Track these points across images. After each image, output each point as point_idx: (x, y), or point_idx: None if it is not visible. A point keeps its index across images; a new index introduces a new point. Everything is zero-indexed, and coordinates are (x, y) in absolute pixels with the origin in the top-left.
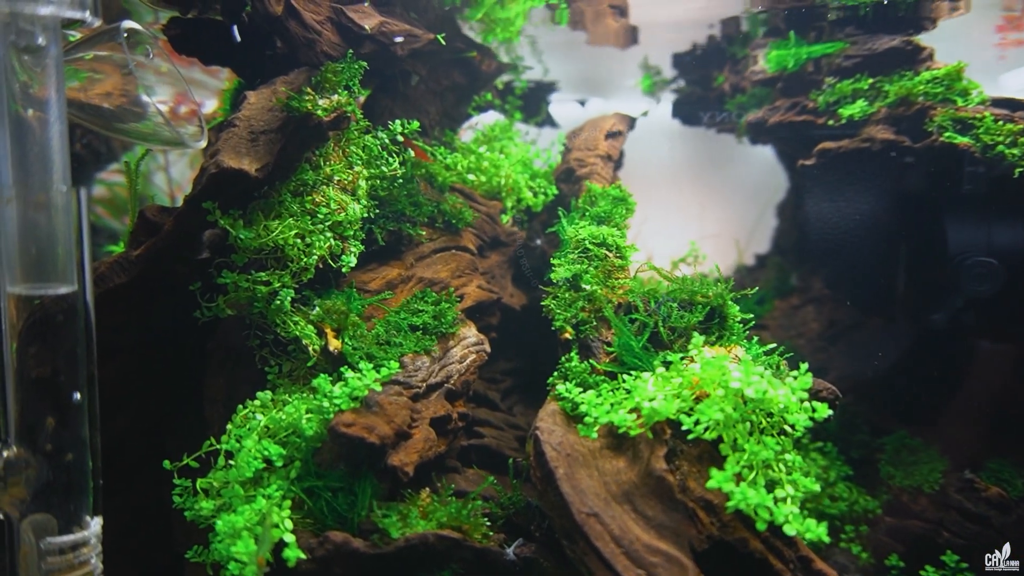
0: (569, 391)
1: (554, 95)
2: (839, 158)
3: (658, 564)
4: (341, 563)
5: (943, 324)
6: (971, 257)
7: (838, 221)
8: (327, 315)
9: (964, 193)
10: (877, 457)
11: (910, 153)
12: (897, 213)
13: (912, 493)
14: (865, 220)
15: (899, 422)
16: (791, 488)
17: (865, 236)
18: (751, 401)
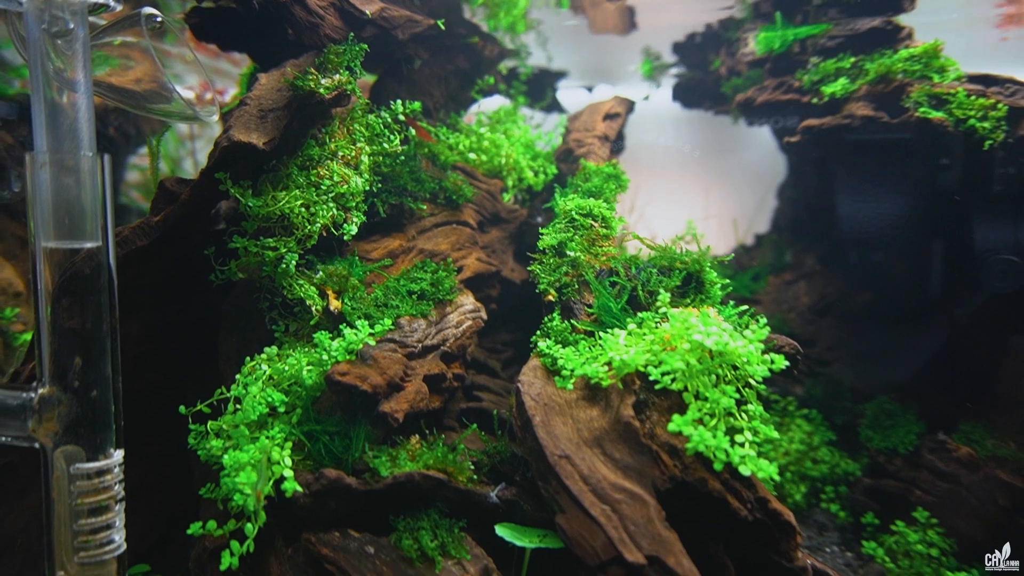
0: (549, 348)
1: (563, 82)
2: (822, 135)
3: (621, 500)
4: (335, 497)
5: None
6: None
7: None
8: (329, 279)
9: (942, 170)
10: (859, 422)
11: (888, 129)
12: (880, 189)
13: (888, 454)
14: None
15: (880, 388)
16: (750, 435)
17: (852, 212)
18: (716, 355)
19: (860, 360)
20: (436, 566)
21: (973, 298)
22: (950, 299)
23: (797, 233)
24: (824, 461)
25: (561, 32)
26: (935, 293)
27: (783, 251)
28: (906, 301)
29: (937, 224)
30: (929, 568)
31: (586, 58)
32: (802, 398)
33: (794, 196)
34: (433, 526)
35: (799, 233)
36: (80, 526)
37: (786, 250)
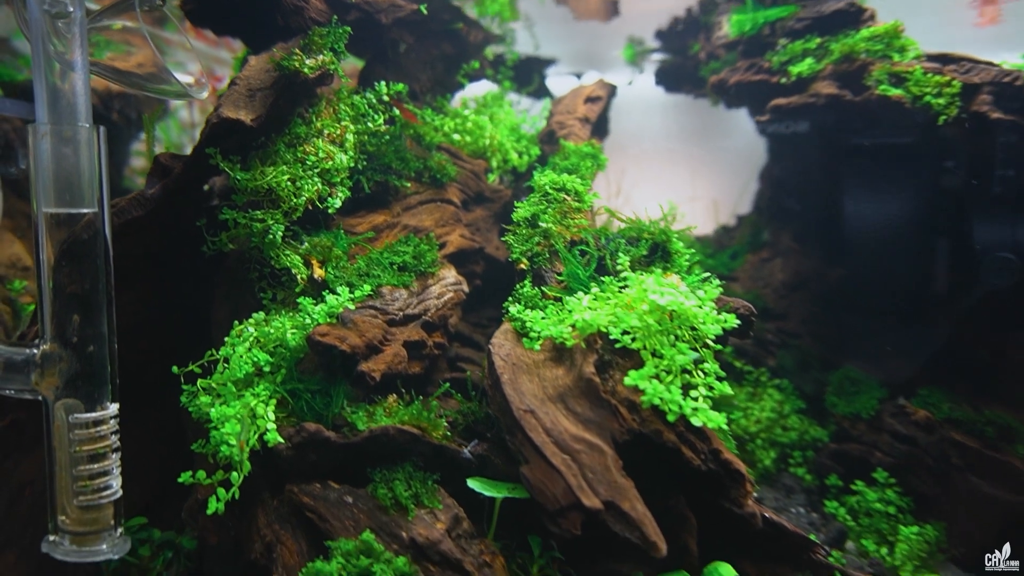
0: (519, 312)
1: (552, 69)
2: (790, 113)
3: (581, 450)
4: (315, 450)
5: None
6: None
7: (800, 179)
8: (314, 249)
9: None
10: (826, 390)
11: (852, 107)
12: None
13: (852, 420)
14: (821, 175)
15: (847, 358)
16: (704, 390)
17: (822, 190)
18: (676, 317)
19: (830, 332)
20: (409, 514)
21: (935, 269)
22: (914, 271)
23: (775, 213)
24: (793, 428)
25: (549, 20)
26: (900, 266)
27: (761, 231)
28: (873, 275)
29: (898, 199)
30: (886, 524)
31: (575, 46)
32: (774, 369)
33: (772, 178)
34: (407, 478)
35: (777, 213)
36: (79, 472)
37: (764, 230)
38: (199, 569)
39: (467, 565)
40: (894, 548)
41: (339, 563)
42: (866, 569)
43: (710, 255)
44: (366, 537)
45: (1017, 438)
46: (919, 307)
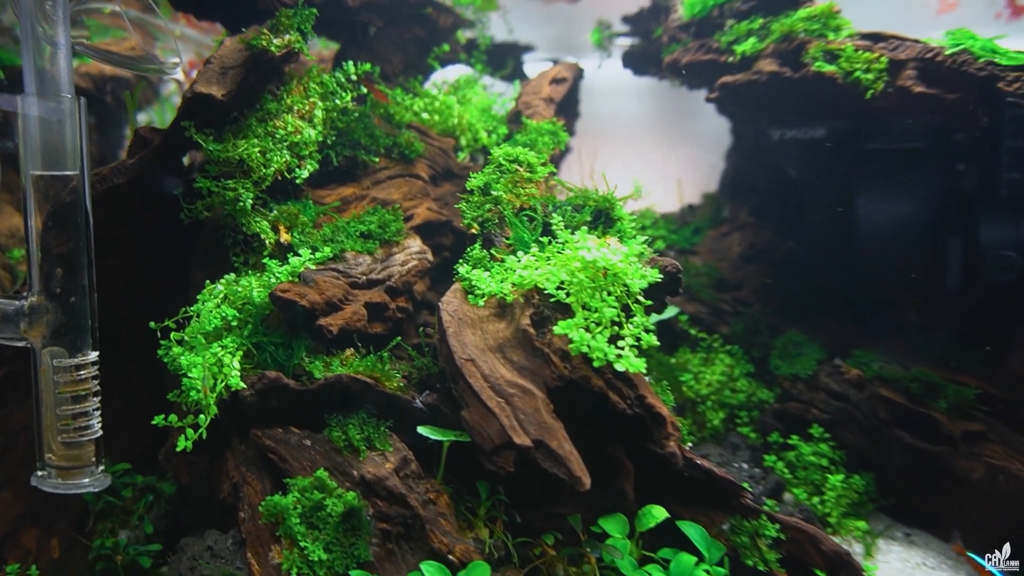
0: (467, 272)
1: (531, 55)
2: (736, 90)
3: (515, 395)
4: (275, 396)
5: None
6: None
7: (757, 157)
8: (282, 216)
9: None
10: (771, 354)
11: (790, 83)
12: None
13: (792, 380)
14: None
15: (792, 323)
16: (631, 339)
17: (775, 168)
18: (610, 275)
19: (779, 300)
20: (361, 455)
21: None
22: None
23: (736, 191)
24: (742, 391)
25: (529, 9)
26: (840, 237)
27: (722, 207)
28: (818, 245)
29: (841, 171)
30: (819, 476)
31: (554, 32)
32: (727, 336)
33: (734, 157)
34: (361, 423)
35: (737, 191)
36: (63, 412)
37: (725, 206)
38: (178, 512)
39: (411, 500)
40: (824, 497)
41: (295, 497)
42: (796, 515)
43: (674, 231)
44: (320, 474)
45: (940, 393)
46: (857, 274)
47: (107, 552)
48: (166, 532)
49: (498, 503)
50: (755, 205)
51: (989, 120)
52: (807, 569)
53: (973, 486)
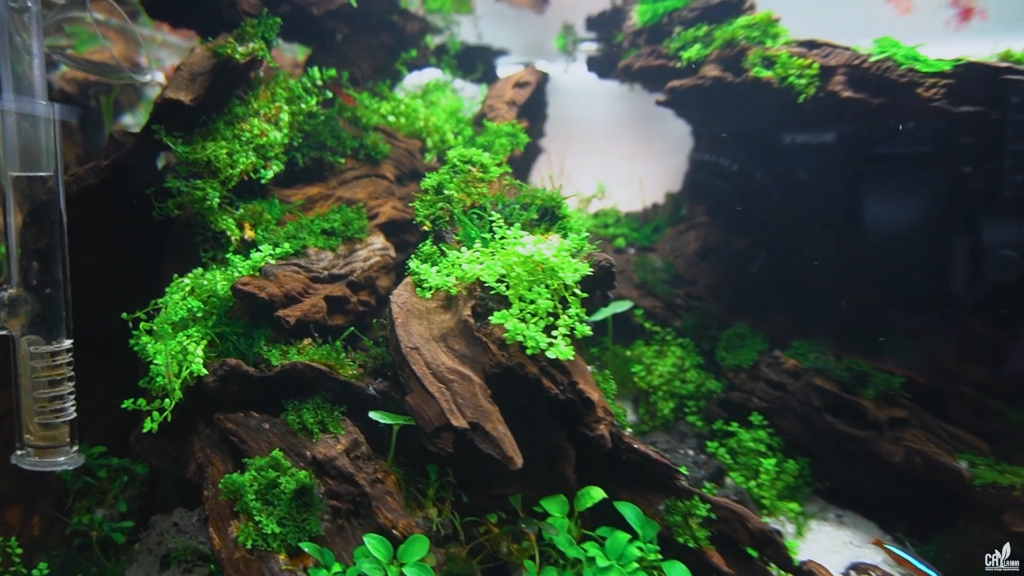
0: (417, 267)
1: (505, 59)
2: (683, 94)
3: (454, 380)
4: (235, 381)
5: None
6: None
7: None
8: (247, 214)
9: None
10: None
11: (732, 87)
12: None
13: (735, 371)
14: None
15: (739, 317)
16: (564, 329)
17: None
18: (548, 270)
19: (729, 295)
20: (314, 437)
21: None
22: (795, 235)
23: (694, 191)
24: (691, 381)
25: (503, 14)
26: (784, 235)
27: (681, 206)
28: (764, 242)
29: (781, 171)
30: (756, 460)
31: (526, 36)
32: (679, 329)
33: (693, 158)
34: (316, 408)
35: (695, 190)
36: (39, 394)
37: (683, 205)
38: (152, 492)
39: (359, 479)
40: (759, 480)
41: (252, 475)
42: (732, 497)
43: (636, 229)
44: (275, 454)
45: (869, 382)
46: (797, 268)
47: (84, 528)
48: (139, 511)
49: (447, 484)
50: (710, 204)
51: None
52: (736, 546)
53: (894, 468)
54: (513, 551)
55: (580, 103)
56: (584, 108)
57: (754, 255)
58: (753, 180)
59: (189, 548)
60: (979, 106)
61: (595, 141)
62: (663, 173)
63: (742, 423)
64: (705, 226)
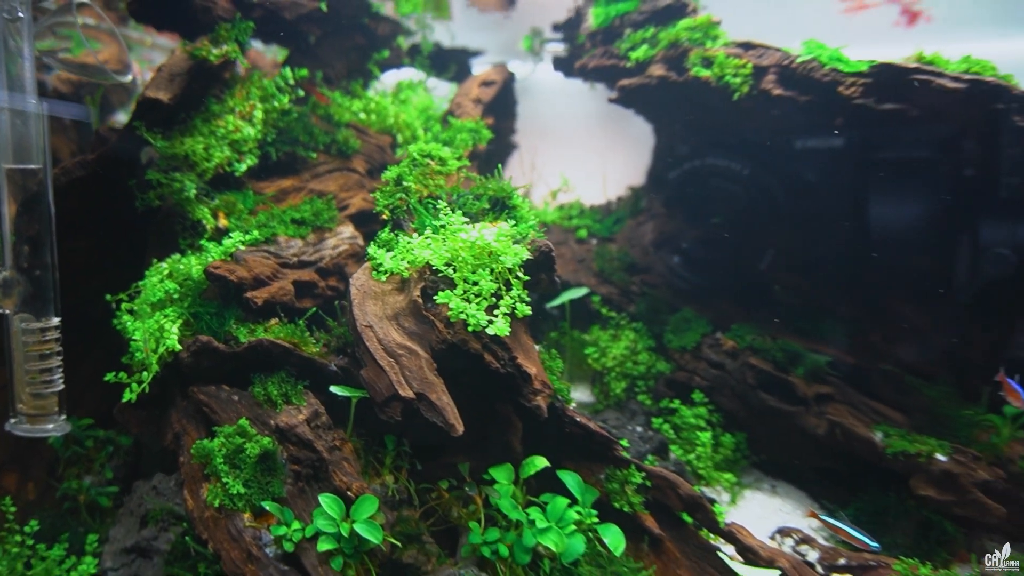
0: (375, 252)
1: (481, 59)
2: (632, 91)
3: (403, 355)
4: (207, 357)
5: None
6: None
7: (670, 153)
8: (222, 204)
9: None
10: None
11: (676, 86)
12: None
13: (681, 352)
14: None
15: (687, 302)
16: (505, 309)
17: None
18: (492, 255)
19: (680, 282)
20: (278, 407)
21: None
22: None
23: (655, 183)
24: (643, 363)
25: (478, 16)
26: (731, 222)
27: (641, 199)
28: (712, 231)
29: (730, 163)
30: (695, 434)
31: (502, 37)
32: (633, 314)
33: (655, 151)
34: (280, 381)
35: (655, 182)
36: (30, 367)
37: (643, 198)
38: (136, 461)
39: (318, 445)
40: (697, 453)
41: (220, 441)
42: (670, 468)
43: (598, 220)
44: (242, 423)
45: (799, 361)
46: (742, 257)
47: (73, 493)
48: (124, 478)
49: (403, 454)
50: (666, 196)
51: (843, 119)
52: (669, 511)
53: (819, 440)
54: (462, 514)
55: (552, 102)
56: (556, 106)
57: (703, 244)
58: (701, 173)
59: (166, 509)
60: (899, 103)
61: (566, 138)
62: (629, 168)
63: (686, 401)
64: (661, 217)
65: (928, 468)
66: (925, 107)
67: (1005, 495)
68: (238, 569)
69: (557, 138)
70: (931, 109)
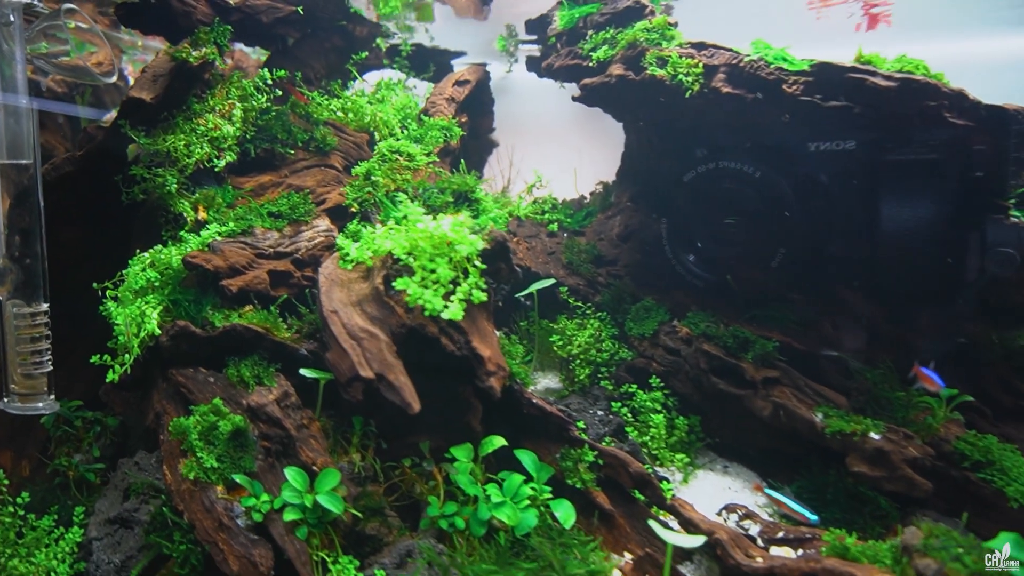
0: (342, 242)
1: (461, 59)
2: (594, 90)
3: (364, 338)
4: (185, 341)
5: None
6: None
7: (635, 149)
8: (201, 198)
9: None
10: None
11: (633, 85)
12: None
13: (640, 339)
14: (648, 145)
15: (649, 292)
16: (461, 295)
17: (644, 156)
18: (450, 244)
19: (643, 273)
20: (250, 388)
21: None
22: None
23: (624, 178)
24: (607, 350)
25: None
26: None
27: (610, 193)
28: (674, 223)
29: (691, 157)
30: (649, 416)
31: (481, 40)
32: (598, 304)
33: (624, 149)
34: (253, 364)
35: (624, 178)
36: (21, 349)
37: (612, 192)
38: (123, 441)
39: (286, 423)
40: (651, 435)
41: (195, 419)
42: (624, 448)
43: (570, 215)
44: (216, 402)
45: (749, 346)
46: (697, 247)
47: (63, 469)
48: (111, 457)
49: (369, 433)
50: (634, 191)
51: (791, 116)
52: (621, 488)
53: (764, 422)
54: (424, 490)
55: (530, 101)
56: (534, 105)
57: (665, 236)
58: (663, 167)
59: (146, 483)
60: (845, 101)
61: (544, 136)
62: (603, 164)
63: (644, 386)
64: (628, 211)
65: (862, 446)
66: (866, 104)
67: (935, 472)
68: (210, 537)
69: (535, 136)
70: (872, 107)
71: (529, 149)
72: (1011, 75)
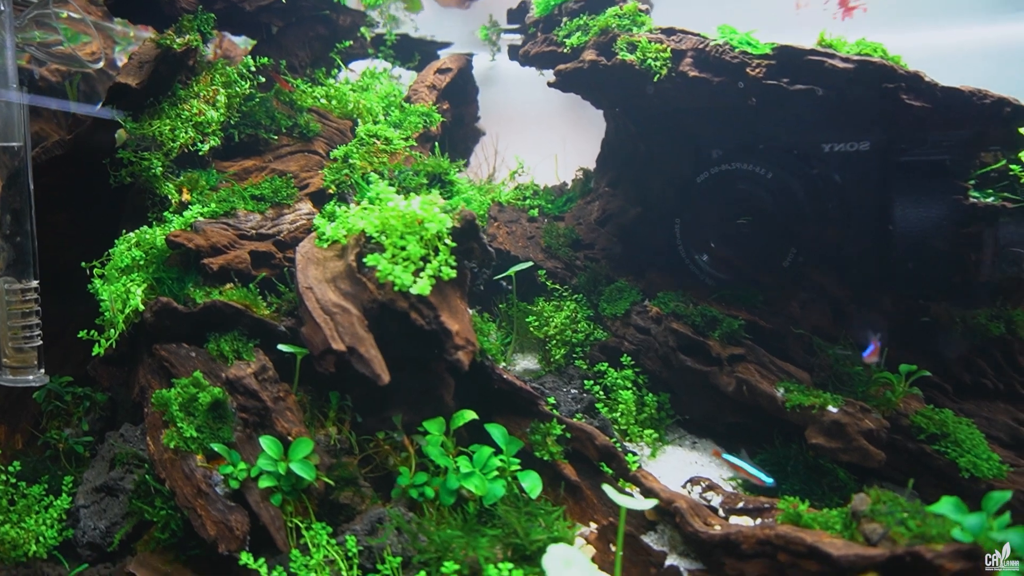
0: (319, 222)
1: (448, 50)
2: (568, 76)
3: (337, 312)
4: (167, 316)
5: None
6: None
7: (614, 136)
8: (186, 181)
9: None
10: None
11: (605, 70)
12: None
13: (612, 319)
14: (621, 127)
15: (623, 274)
16: (431, 271)
17: (622, 141)
18: (424, 222)
19: (618, 256)
20: (229, 362)
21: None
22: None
23: (604, 164)
24: (582, 331)
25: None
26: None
27: (591, 180)
28: (648, 208)
29: (663, 140)
30: (618, 393)
31: (467, 29)
32: (575, 287)
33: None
34: (233, 339)
35: (603, 166)
36: (12, 324)
37: (592, 179)
38: (112, 416)
39: (263, 395)
40: (620, 411)
41: (176, 391)
42: (595, 424)
43: (551, 200)
44: (196, 375)
45: (717, 325)
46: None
47: (53, 442)
48: (100, 431)
49: (345, 408)
50: (612, 177)
51: (757, 99)
52: (588, 461)
53: (729, 397)
54: (397, 462)
55: (516, 89)
56: (520, 93)
57: (640, 220)
58: (639, 151)
59: (131, 453)
60: (809, 84)
61: (528, 123)
62: (587, 151)
63: (616, 365)
64: (606, 196)
65: (820, 419)
66: (829, 87)
67: (892, 444)
68: (189, 503)
69: (520, 124)
70: (835, 89)
71: (514, 137)
72: (982, 64)
